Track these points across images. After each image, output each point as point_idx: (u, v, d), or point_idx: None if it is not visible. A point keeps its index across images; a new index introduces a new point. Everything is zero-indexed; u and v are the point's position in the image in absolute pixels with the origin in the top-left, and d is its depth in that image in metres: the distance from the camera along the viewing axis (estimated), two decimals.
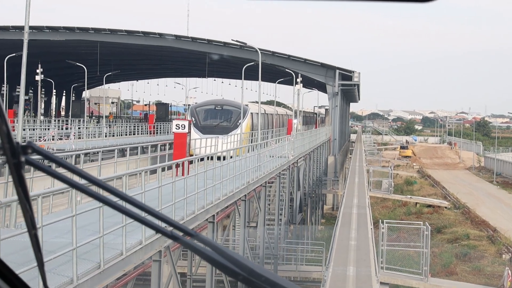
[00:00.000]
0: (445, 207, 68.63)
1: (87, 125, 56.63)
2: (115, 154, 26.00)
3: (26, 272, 8.14)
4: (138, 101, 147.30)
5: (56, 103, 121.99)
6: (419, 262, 34.91)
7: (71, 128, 47.18)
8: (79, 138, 47.11)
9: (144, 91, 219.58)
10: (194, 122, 45.72)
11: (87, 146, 42.52)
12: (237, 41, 36.75)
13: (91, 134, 51.01)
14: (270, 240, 34.93)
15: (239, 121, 43.62)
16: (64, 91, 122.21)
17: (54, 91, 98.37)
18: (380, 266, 31.57)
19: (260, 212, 31.02)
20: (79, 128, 50.51)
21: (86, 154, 34.95)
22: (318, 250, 38.37)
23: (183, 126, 26.26)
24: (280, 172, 36.18)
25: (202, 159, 24.90)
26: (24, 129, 40.71)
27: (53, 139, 44.01)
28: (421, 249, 33.76)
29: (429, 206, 69.26)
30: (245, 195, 25.06)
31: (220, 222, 31.04)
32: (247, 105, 46.83)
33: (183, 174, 25.13)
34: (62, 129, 57.36)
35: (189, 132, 27.22)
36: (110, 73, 77.13)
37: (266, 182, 30.68)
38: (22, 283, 1.91)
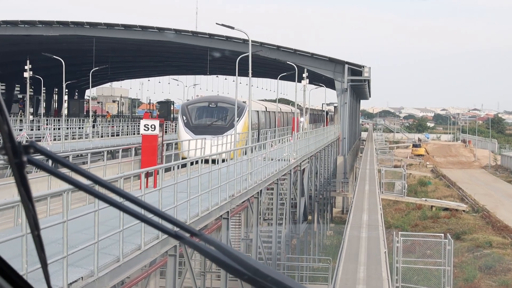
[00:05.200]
0: (463, 211, 63.87)
1: (66, 124, 52.53)
2: (104, 156, 22.12)
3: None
4: (138, 99, 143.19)
5: (56, 102, 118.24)
6: (438, 275, 30.52)
7: (46, 128, 42.75)
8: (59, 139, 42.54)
9: (148, 89, 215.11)
10: (186, 121, 41.27)
11: (65, 148, 38.13)
12: (223, 24, 32.36)
13: (71, 135, 46.44)
14: (268, 256, 30.35)
15: (235, 120, 39.02)
16: (67, 90, 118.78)
17: (44, 88, 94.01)
18: (395, 286, 27.20)
19: (253, 226, 26.35)
20: (53, 128, 45.96)
21: (67, 157, 31.36)
22: (324, 266, 33.80)
23: (153, 126, 21.68)
24: (278, 179, 31.54)
25: (185, 165, 20.60)
26: None
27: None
28: (442, 266, 29.26)
29: (446, 209, 64.55)
30: (228, 212, 20.37)
31: (216, 232, 26.62)
32: (244, 102, 42.25)
33: (154, 185, 20.79)
34: (39, 129, 52.91)
35: (162, 134, 22.71)
36: (97, 68, 72.60)
37: (259, 192, 25.97)
38: (26, 284, 1.92)
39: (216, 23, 31.73)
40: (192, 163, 20.85)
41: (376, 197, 42.28)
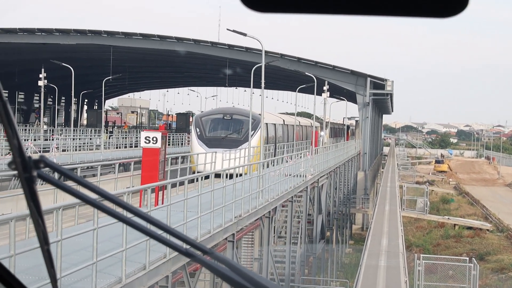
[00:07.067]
0: (488, 230, 61.69)
1: (79, 135, 51.26)
2: (98, 171, 20.57)
3: None
4: (157, 110, 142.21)
5: (75, 112, 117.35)
6: None
7: (54, 139, 41.43)
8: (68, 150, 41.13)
9: (168, 100, 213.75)
10: (199, 133, 39.68)
11: (73, 160, 36.68)
12: (234, 31, 30.77)
13: (83, 146, 45.02)
14: (281, 277, 28.59)
15: (251, 133, 37.39)
16: (86, 100, 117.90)
17: (63, 98, 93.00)
18: None
19: (264, 245, 24.63)
20: (65, 138, 44.60)
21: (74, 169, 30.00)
22: None
23: (154, 139, 20.02)
24: (293, 197, 29.79)
25: (192, 180, 19.10)
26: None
27: (35, 152, 38.17)
28: None
29: (469, 228, 62.39)
30: (233, 234, 18.67)
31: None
32: (260, 115, 40.75)
33: (155, 204, 19.19)
34: (47, 139, 51.59)
35: (165, 147, 21.10)
36: (109, 78, 71.20)
37: (270, 211, 24.22)
38: None
39: (227, 29, 30.16)
40: (194, 180, 19.14)
41: (397, 218, 40.01)
